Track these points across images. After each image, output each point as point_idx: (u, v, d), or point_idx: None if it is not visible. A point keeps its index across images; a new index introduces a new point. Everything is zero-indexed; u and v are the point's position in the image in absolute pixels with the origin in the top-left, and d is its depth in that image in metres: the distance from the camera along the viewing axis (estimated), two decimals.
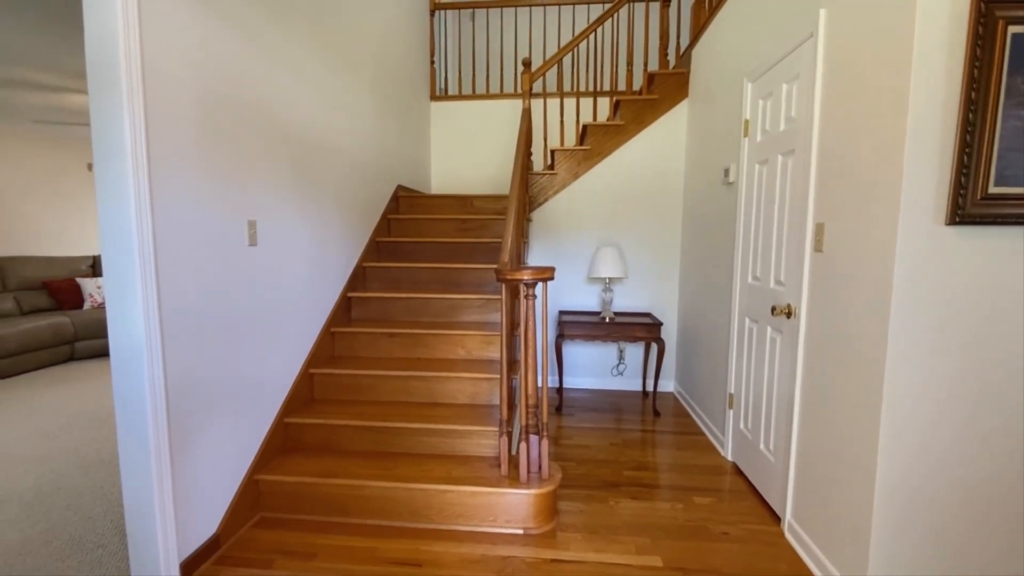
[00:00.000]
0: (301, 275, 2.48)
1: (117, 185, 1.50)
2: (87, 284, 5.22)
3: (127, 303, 1.54)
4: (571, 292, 3.84)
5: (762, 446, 2.25)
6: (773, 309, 2.06)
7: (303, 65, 2.44)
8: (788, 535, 1.98)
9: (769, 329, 2.20)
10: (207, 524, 1.86)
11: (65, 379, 4.20)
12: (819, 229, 1.79)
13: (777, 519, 2.11)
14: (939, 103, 1.35)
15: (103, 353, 4.97)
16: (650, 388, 3.76)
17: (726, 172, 2.70)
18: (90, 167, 5.98)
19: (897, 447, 1.46)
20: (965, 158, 1.32)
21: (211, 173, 1.83)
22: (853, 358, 1.59)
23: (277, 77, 2.22)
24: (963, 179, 1.33)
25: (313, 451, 2.35)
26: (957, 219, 1.35)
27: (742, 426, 2.49)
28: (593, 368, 3.88)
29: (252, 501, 2.11)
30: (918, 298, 1.41)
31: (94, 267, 5.59)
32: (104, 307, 5.10)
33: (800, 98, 1.96)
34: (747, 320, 2.44)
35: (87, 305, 5.16)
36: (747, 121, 2.45)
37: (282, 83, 2.26)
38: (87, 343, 4.87)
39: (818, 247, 1.80)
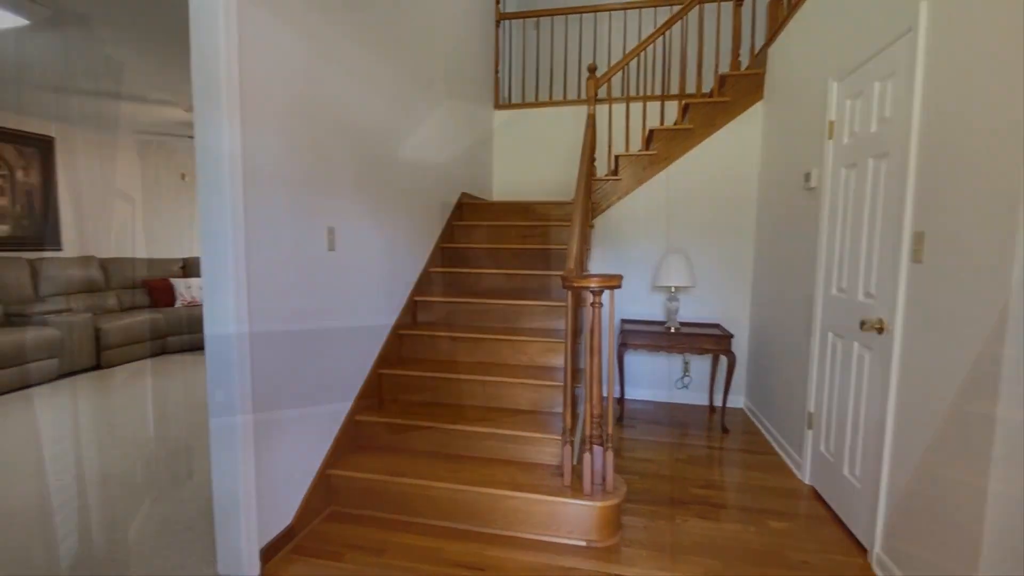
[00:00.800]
0: (373, 279, 2.58)
1: (215, 196, 1.62)
2: (178, 284, 5.68)
3: (221, 303, 1.66)
4: (633, 301, 3.75)
5: (846, 470, 2.09)
6: (862, 324, 1.92)
7: (380, 79, 2.54)
8: (876, 568, 1.83)
9: (856, 345, 2.05)
10: (284, 514, 1.96)
11: (158, 371, 4.57)
12: (918, 238, 1.65)
13: (863, 550, 1.95)
14: None
15: (191, 347, 5.38)
16: (717, 403, 3.60)
17: (807, 177, 2.55)
18: (183, 176, 6.52)
19: (1014, 474, 1.31)
20: None
21: (297, 183, 1.94)
22: (960, 378, 1.45)
23: (356, 91, 2.32)
24: None
25: (382, 449, 2.42)
26: None
27: (823, 448, 2.32)
28: (656, 380, 3.76)
29: (324, 495, 2.20)
30: None
31: (184, 268, 6.09)
32: (192, 305, 5.53)
33: (896, 97, 1.82)
34: (830, 335, 2.28)
35: (178, 303, 5.60)
36: (832, 123, 2.30)
37: (360, 96, 2.36)
38: (177, 338, 5.30)
39: (916, 257, 1.65)
